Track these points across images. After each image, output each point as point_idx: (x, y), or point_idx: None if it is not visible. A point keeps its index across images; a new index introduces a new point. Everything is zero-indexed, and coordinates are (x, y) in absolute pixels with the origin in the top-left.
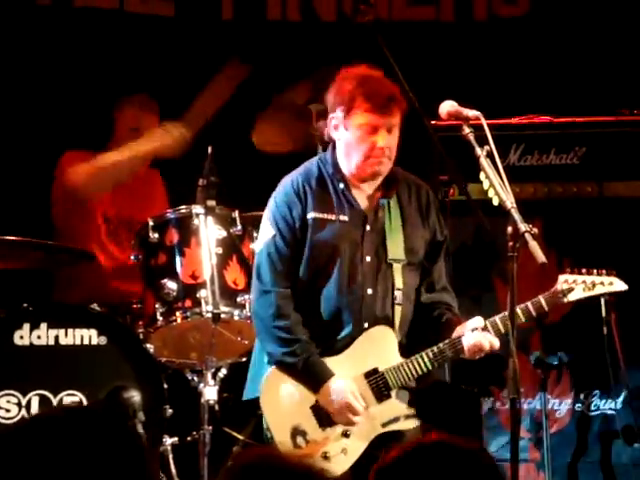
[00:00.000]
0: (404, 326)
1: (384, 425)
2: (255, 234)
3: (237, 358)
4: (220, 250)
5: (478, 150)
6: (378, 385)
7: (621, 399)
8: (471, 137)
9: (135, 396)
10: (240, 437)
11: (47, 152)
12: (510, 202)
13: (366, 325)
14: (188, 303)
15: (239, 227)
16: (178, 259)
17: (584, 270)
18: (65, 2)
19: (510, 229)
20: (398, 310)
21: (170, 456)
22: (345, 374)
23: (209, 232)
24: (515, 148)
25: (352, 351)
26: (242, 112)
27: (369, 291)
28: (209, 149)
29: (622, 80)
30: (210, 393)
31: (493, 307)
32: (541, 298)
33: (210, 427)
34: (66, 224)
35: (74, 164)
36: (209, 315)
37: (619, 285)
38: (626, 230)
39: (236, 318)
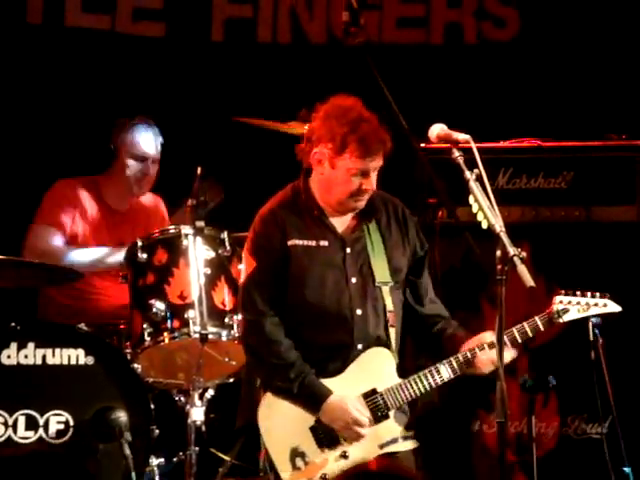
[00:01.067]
0: (398, 346)
1: (382, 446)
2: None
3: (224, 379)
4: (208, 271)
5: (467, 173)
6: (377, 406)
7: (607, 424)
8: (460, 160)
9: (122, 416)
10: (226, 458)
11: (39, 173)
12: (499, 225)
13: (360, 347)
14: (176, 323)
15: (228, 248)
16: (166, 279)
17: (578, 292)
18: (56, 21)
19: (499, 253)
20: (392, 332)
21: (157, 477)
22: (346, 391)
23: (198, 252)
24: (504, 171)
25: (349, 373)
26: (231, 132)
27: (358, 312)
28: (198, 170)
29: (610, 105)
30: (197, 414)
31: (480, 330)
32: (537, 319)
33: (197, 448)
34: None
35: (45, 232)
36: (197, 336)
37: (613, 307)
38: (613, 254)
39: (224, 339)
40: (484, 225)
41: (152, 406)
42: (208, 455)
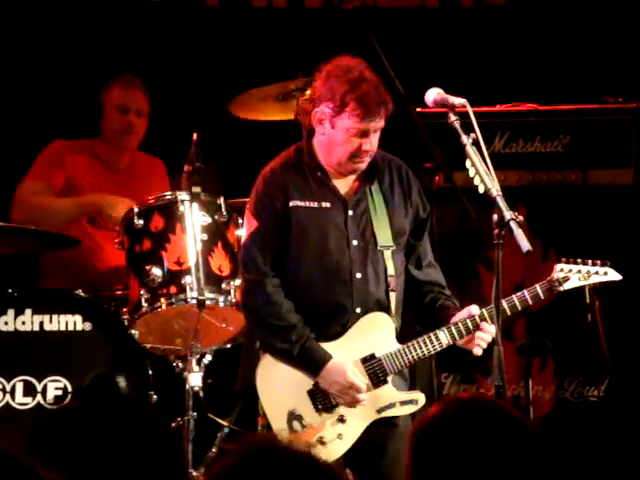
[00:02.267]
0: (399, 311)
1: (379, 411)
2: (240, 220)
3: (222, 344)
4: (205, 236)
5: (464, 138)
6: (375, 371)
7: (604, 386)
8: (457, 125)
9: (120, 382)
10: (224, 423)
11: (36, 138)
12: (495, 190)
13: (358, 310)
14: (173, 289)
15: (224, 214)
16: (163, 245)
17: (579, 260)
18: None
19: (495, 217)
20: (393, 296)
21: None
22: (346, 356)
23: (194, 218)
24: (500, 136)
25: (348, 337)
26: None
27: (358, 275)
28: (194, 135)
29: (607, 68)
30: (195, 379)
31: (478, 295)
32: (537, 287)
33: (194, 413)
34: None
35: (36, 182)
36: (194, 301)
37: (613, 275)
38: (610, 218)
39: (221, 305)
40: (481, 189)
41: (150, 372)
42: (206, 420)
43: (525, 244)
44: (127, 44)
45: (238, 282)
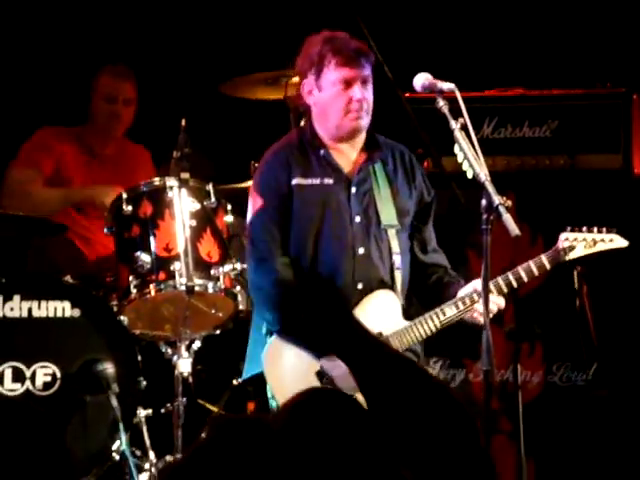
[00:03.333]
0: (404, 290)
1: None
2: (229, 207)
3: (211, 331)
4: (194, 223)
5: (452, 123)
6: None
7: (592, 371)
8: (445, 110)
9: (109, 368)
10: (214, 409)
11: (23, 125)
12: (484, 174)
13: (360, 286)
14: (162, 276)
15: (213, 200)
16: (152, 232)
17: (584, 228)
18: None
19: (484, 202)
20: (398, 274)
21: (144, 428)
22: None
23: (183, 205)
24: (489, 121)
25: (356, 315)
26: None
27: (360, 251)
28: (182, 121)
29: (595, 53)
30: (184, 365)
31: (466, 280)
32: (543, 257)
33: (184, 399)
34: None
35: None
36: (183, 288)
37: (620, 242)
38: (598, 203)
39: (210, 291)
40: (469, 174)
41: (139, 358)
42: (195, 406)
43: (514, 229)
44: (118, 28)
45: (227, 268)
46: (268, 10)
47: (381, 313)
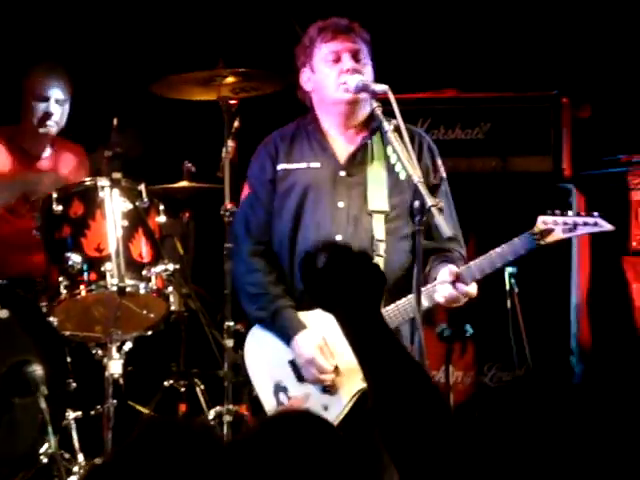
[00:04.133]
0: (390, 278)
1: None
2: (162, 207)
3: (142, 332)
4: (126, 223)
5: (385, 124)
6: None
7: (523, 372)
8: (379, 111)
9: (38, 370)
10: (145, 410)
11: None
12: (417, 176)
13: None
14: (93, 276)
15: (145, 200)
16: (83, 232)
17: (570, 212)
18: None
19: (416, 203)
20: (380, 262)
21: (73, 430)
22: (324, 327)
23: (114, 205)
24: (422, 122)
25: None
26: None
27: (338, 237)
28: (114, 121)
29: (525, 56)
30: (115, 367)
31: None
32: (516, 240)
33: (114, 401)
34: None
35: None
36: (114, 288)
37: (604, 225)
38: (529, 204)
39: (142, 291)
40: (402, 176)
41: (69, 359)
42: (126, 408)
43: (445, 230)
44: (49, 27)
45: (159, 269)
46: (200, 9)
47: None
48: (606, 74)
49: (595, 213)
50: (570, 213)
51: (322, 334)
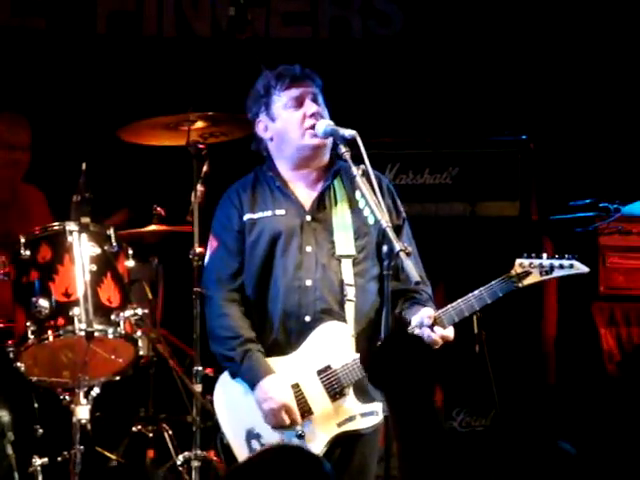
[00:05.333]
0: (361, 322)
1: (340, 425)
2: (130, 252)
3: (110, 377)
4: (94, 267)
5: (354, 169)
6: (331, 383)
7: (491, 416)
8: (347, 156)
9: (4, 416)
10: (112, 457)
11: None
12: (385, 221)
13: (307, 319)
14: (61, 321)
15: (114, 244)
16: (51, 276)
17: (544, 255)
18: None
19: (385, 248)
20: (350, 306)
21: (40, 477)
22: (297, 372)
23: (83, 249)
24: (390, 167)
25: (305, 348)
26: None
27: (307, 282)
28: (83, 165)
29: (493, 102)
30: (82, 412)
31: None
32: (494, 284)
33: (82, 447)
34: None
35: None
36: (82, 333)
37: (580, 267)
38: (497, 249)
39: (110, 336)
40: (370, 221)
41: (36, 405)
42: (93, 454)
43: (414, 275)
44: (14, 70)
45: (128, 313)
46: (169, 55)
47: (330, 345)
48: (574, 121)
49: (570, 255)
50: (545, 256)
51: (296, 380)
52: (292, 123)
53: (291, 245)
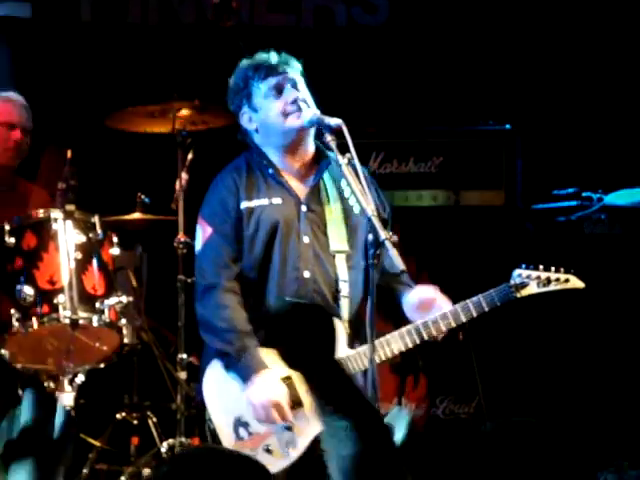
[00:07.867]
0: (353, 317)
1: None
2: (115, 239)
3: (95, 364)
4: (79, 255)
5: (340, 158)
6: None
7: (474, 404)
8: (333, 145)
9: None
10: (96, 443)
11: None
12: (370, 210)
13: None
14: (45, 309)
15: (99, 232)
16: (35, 264)
17: (541, 266)
18: None
19: (370, 237)
20: (345, 302)
21: None
22: (273, 377)
23: (68, 237)
24: (375, 156)
25: None
26: (101, 117)
27: (306, 274)
28: (68, 153)
29: (479, 91)
30: (67, 399)
31: None
32: (493, 292)
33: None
34: None
35: None
36: (67, 321)
37: (575, 282)
38: (481, 238)
39: (95, 324)
40: (356, 210)
41: (20, 392)
42: (78, 441)
43: (399, 263)
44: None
45: (113, 301)
46: (155, 42)
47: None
48: (558, 110)
49: (571, 270)
50: (542, 267)
51: (288, 372)
52: (274, 111)
53: (290, 236)
